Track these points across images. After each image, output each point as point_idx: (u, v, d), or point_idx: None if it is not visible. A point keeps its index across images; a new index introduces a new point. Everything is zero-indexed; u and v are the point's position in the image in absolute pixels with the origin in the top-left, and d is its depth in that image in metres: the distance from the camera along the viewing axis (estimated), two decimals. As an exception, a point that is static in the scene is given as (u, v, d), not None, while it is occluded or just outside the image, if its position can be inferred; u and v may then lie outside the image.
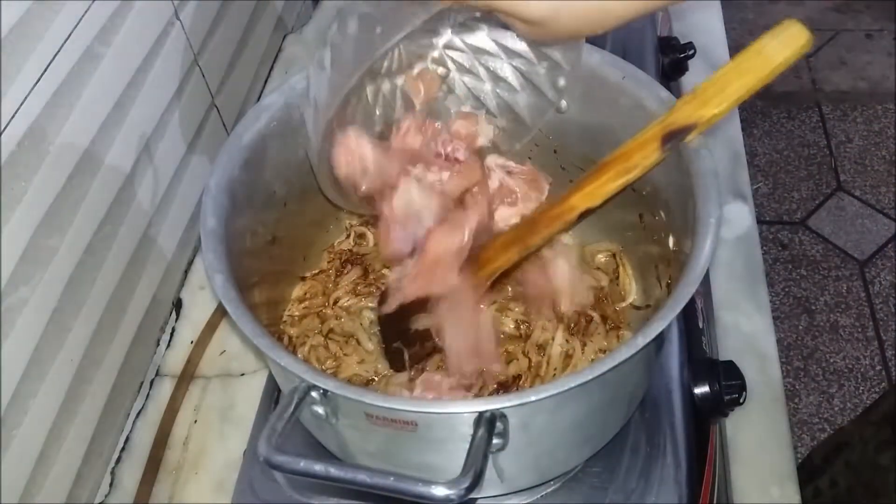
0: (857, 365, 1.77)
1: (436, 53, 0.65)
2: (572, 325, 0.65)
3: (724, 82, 0.52)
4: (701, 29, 1.07)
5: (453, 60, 0.65)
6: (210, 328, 0.81)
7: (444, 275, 0.60)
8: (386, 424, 0.47)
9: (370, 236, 0.73)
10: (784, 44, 0.50)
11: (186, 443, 0.73)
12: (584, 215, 0.58)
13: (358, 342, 0.67)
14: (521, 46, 0.63)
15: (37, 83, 0.58)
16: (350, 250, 0.72)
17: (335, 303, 0.68)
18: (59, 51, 0.61)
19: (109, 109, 0.68)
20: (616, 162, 0.56)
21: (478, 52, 0.64)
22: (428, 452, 0.50)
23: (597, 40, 0.56)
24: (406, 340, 0.64)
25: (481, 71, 0.65)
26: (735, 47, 1.05)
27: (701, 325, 0.73)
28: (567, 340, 0.64)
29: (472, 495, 0.42)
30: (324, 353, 0.66)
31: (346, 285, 0.69)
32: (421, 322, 0.62)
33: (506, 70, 0.64)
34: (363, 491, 0.44)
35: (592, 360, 0.63)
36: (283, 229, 0.66)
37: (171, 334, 0.81)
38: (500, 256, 0.61)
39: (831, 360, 1.78)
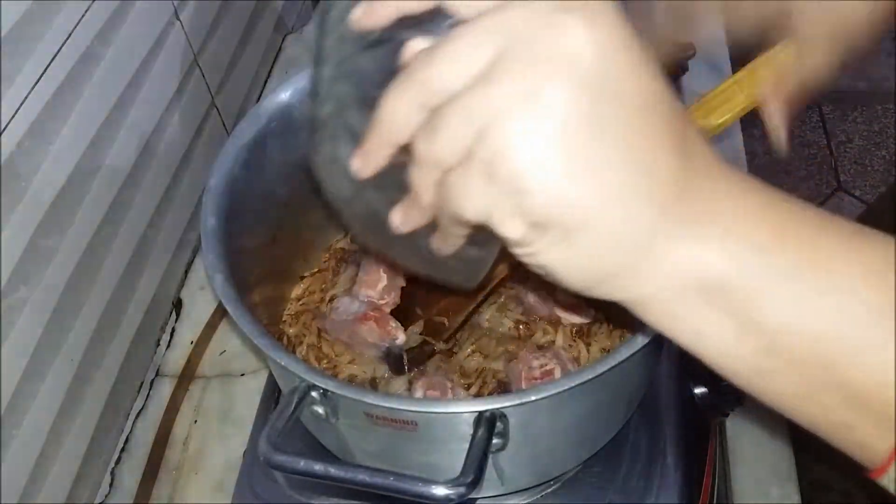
0: (857, 365, 1.77)
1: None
2: (574, 329, 0.65)
3: (732, 91, 0.52)
4: (701, 29, 1.07)
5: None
6: (210, 328, 0.81)
7: None
8: (386, 424, 0.47)
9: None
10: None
11: (186, 443, 0.72)
12: None
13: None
14: None
15: (36, 83, 0.58)
16: (346, 249, 0.72)
17: (331, 300, 0.68)
18: (58, 51, 0.61)
19: (109, 109, 0.68)
20: None
21: None
22: (428, 452, 0.50)
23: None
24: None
25: None
26: (735, 47, 1.06)
27: (701, 325, 0.72)
28: (571, 344, 0.64)
29: (472, 495, 0.42)
30: (319, 353, 0.66)
31: (343, 283, 0.69)
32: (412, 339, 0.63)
33: None
34: (363, 491, 0.44)
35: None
36: (283, 229, 0.66)
37: (171, 334, 0.81)
38: (501, 260, 0.61)
39: (831, 360, 1.78)
